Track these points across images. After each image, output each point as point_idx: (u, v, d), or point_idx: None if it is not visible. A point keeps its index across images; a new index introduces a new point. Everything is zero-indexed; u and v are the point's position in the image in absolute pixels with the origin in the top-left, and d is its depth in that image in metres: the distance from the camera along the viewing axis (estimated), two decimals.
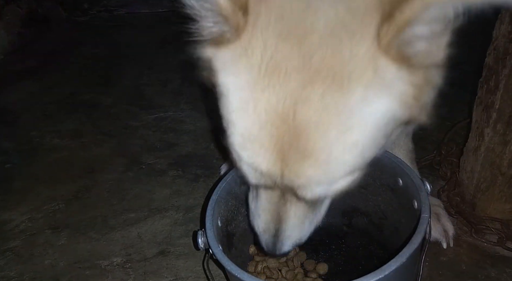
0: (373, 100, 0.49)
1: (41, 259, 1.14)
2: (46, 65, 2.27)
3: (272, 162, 0.54)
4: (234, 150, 0.57)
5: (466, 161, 1.12)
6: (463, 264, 1.00)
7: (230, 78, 0.54)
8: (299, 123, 0.50)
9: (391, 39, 0.46)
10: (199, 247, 0.83)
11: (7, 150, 1.61)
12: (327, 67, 0.48)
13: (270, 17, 0.50)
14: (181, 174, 1.43)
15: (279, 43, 0.49)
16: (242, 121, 0.54)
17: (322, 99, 0.49)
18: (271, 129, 0.52)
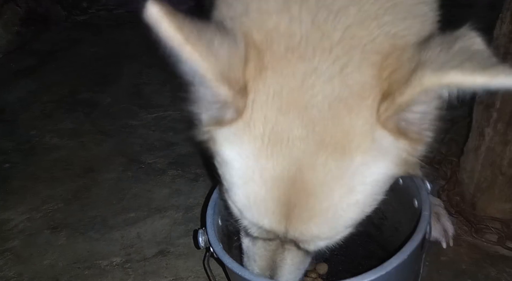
0: (372, 164, 0.54)
1: (40, 259, 1.14)
2: (45, 64, 2.26)
3: (276, 221, 0.57)
4: (237, 209, 0.60)
5: (466, 161, 1.12)
6: (463, 264, 1.00)
7: (234, 149, 0.55)
8: (305, 186, 0.54)
9: (390, 116, 0.50)
10: (199, 245, 0.82)
11: (6, 149, 1.60)
12: (329, 137, 0.51)
13: (268, 94, 0.52)
14: (180, 174, 1.43)
15: (279, 116, 0.52)
16: (248, 186, 0.56)
17: (326, 165, 0.52)
18: (277, 193, 0.55)
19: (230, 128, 0.54)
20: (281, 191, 0.55)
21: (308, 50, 0.51)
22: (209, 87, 0.49)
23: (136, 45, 2.48)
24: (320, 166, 0.53)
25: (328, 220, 0.57)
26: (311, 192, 0.54)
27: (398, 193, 0.89)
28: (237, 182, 0.57)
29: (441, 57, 0.45)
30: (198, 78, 0.48)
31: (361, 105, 0.51)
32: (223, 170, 0.59)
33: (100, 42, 2.51)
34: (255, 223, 0.60)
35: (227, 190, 0.61)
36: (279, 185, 0.54)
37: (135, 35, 2.60)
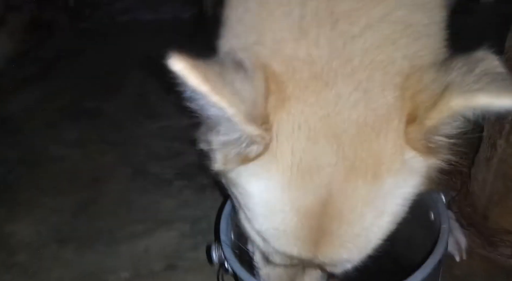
0: (402, 185, 0.55)
1: (48, 274, 1.12)
2: (49, 72, 2.26)
3: (306, 249, 0.57)
4: (262, 238, 0.60)
5: (478, 172, 1.11)
6: (477, 278, 0.99)
7: (261, 182, 0.55)
8: (336, 213, 0.54)
9: (419, 138, 0.51)
10: (213, 261, 0.81)
11: (10, 160, 1.59)
12: (359, 161, 0.52)
13: (293, 124, 0.51)
14: (187, 184, 1.41)
15: (307, 145, 0.51)
16: (277, 217, 0.55)
17: (357, 190, 0.52)
18: (308, 221, 0.55)
19: (256, 161, 0.53)
20: (312, 219, 0.54)
21: (330, 76, 0.51)
22: (236, 129, 0.49)
23: (139, 53, 2.48)
24: (351, 192, 0.53)
25: (359, 244, 0.57)
26: (342, 218, 0.54)
27: (412, 206, 0.87)
28: (263, 213, 0.57)
29: (465, 80, 0.46)
30: (225, 121, 0.49)
31: (388, 128, 0.52)
32: (245, 201, 0.58)
33: (104, 50, 2.51)
34: (282, 252, 0.59)
35: (250, 220, 0.60)
36: (310, 214, 0.54)
37: (138, 43, 2.62)
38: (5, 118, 1.87)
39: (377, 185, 0.53)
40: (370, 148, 0.51)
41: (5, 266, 1.16)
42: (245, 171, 0.55)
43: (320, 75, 0.51)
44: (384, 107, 0.51)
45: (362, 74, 0.50)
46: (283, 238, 0.57)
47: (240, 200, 0.60)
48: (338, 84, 0.50)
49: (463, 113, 0.47)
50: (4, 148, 1.66)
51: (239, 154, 0.54)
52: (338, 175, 0.52)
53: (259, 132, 0.49)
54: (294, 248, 0.58)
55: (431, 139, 0.51)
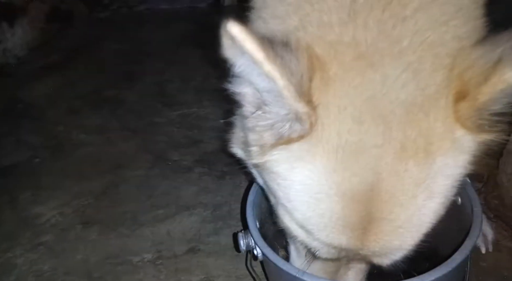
0: (452, 164, 0.53)
1: (73, 254, 1.15)
2: (69, 61, 2.29)
3: (354, 238, 0.55)
4: (305, 231, 0.58)
5: (507, 163, 1.08)
6: (504, 270, 0.97)
7: (305, 167, 0.53)
8: (387, 196, 0.52)
9: (469, 115, 0.50)
10: (240, 249, 0.81)
11: (34, 145, 1.63)
12: (409, 142, 0.50)
13: (339, 105, 0.51)
14: (207, 171, 1.42)
15: (353, 127, 0.50)
16: (323, 204, 0.54)
17: (407, 170, 0.51)
18: (356, 207, 0.53)
19: (300, 144, 0.52)
20: (360, 204, 0.53)
21: (376, 57, 0.50)
22: (284, 104, 0.48)
23: (157, 42, 2.50)
24: (403, 172, 0.51)
25: (412, 228, 0.55)
26: (394, 201, 0.52)
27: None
28: (307, 201, 0.55)
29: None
30: (273, 96, 0.48)
31: (437, 107, 0.51)
32: (286, 191, 0.57)
33: (122, 39, 2.53)
34: (329, 243, 0.57)
35: (290, 212, 0.58)
36: (358, 199, 0.52)
37: (156, 32, 2.63)
38: (28, 104, 1.91)
39: (428, 165, 0.52)
40: (419, 128, 0.50)
41: (32, 246, 1.19)
42: (286, 156, 0.54)
43: (365, 57, 0.50)
44: (433, 87, 0.51)
45: (412, 56, 0.50)
46: (329, 227, 0.55)
47: (279, 192, 0.58)
48: (385, 66, 0.50)
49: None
50: (28, 133, 1.70)
51: (282, 135, 0.52)
52: (386, 156, 0.51)
53: (307, 109, 0.48)
54: (341, 237, 0.55)
55: (482, 116, 0.50)
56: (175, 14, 2.89)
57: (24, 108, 1.88)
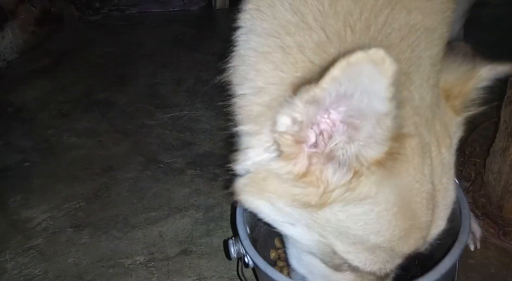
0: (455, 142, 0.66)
1: (65, 258, 1.14)
2: (60, 64, 2.28)
3: (427, 234, 0.62)
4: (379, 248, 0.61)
5: (493, 162, 1.10)
6: (492, 267, 0.99)
7: (392, 185, 0.56)
8: (438, 185, 0.61)
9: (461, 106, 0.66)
10: (231, 256, 0.81)
11: (25, 148, 1.61)
12: (439, 133, 0.62)
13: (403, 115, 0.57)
14: (199, 173, 1.43)
15: (414, 133, 0.58)
16: (408, 213, 0.59)
17: (444, 157, 0.62)
18: (429, 205, 0.59)
19: (388, 164, 0.53)
20: (430, 201, 0.59)
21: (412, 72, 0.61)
22: (386, 126, 0.48)
23: (149, 45, 2.50)
24: (442, 159, 0.61)
25: (452, 204, 0.64)
26: (443, 187, 0.61)
27: None
28: (391, 220, 0.58)
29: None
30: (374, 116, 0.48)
31: (442, 104, 0.65)
32: (367, 216, 0.58)
33: (114, 42, 2.52)
34: (401, 254, 0.62)
35: (364, 238, 0.59)
36: (429, 196, 0.59)
37: (148, 35, 2.63)
38: (19, 108, 1.89)
39: (451, 148, 0.63)
40: (440, 121, 0.63)
41: (22, 250, 1.18)
42: (375, 179, 0.55)
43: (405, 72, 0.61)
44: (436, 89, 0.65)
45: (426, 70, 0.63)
46: (410, 235, 0.59)
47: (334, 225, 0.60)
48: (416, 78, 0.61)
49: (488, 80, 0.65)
50: (19, 137, 1.68)
51: (371, 156, 0.52)
52: (433, 149, 0.60)
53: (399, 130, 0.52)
54: (415, 242, 0.60)
55: (466, 103, 0.66)
56: (167, 17, 2.89)
57: (15, 112, 1.86)
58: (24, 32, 2.44)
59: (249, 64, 0.64)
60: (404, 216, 0.58)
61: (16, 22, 2.39)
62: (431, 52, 0.63)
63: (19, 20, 2.41)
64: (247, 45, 0.64)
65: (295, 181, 0.56)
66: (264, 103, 0.60)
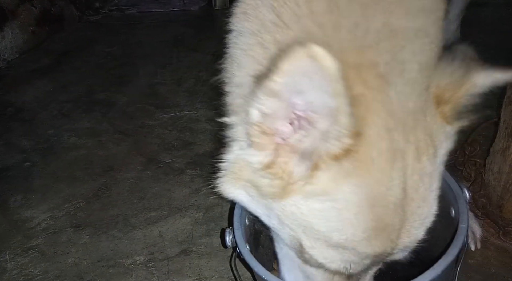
0: (444, 153, 0.63)
1: (65, 258, 1.14)
2: (60, 64, 2.28)
3: (393, 239, 0.60)
4: (347, 250, 0.60)
5: (493, 162, 1.10)
6: (492, 267, 0.99)
7: (353, 182, 0.56)
8: (412, 194, 0.59)
9: (452, 113, 0.63)
10: (226, 245, 0.82)
11: (25, 148, 1.62)
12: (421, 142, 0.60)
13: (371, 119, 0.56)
14: (199, 173, 1.43)
15: (385, 136, 0.57)
16: (370, 214, 0.57)
17: (425, 166, 0.59)
18: (396, 210, 0.58)
19: (348, 160, 0.54)
20: (399, 207, 0.58)
21: (391, 76, 0.59)
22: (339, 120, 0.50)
23: (149, 45, 2.50)
24: (421, 169, 0.59)
25: (430, 217, 0.62)
26: (419, 196, 0.59)
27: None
28: (350, 219, 0.57)
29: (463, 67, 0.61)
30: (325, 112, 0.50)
31: (430, 110, 0.62)
32: (325, 214, 0.58)
33: (114, 42, 2.53)
34: (371, 253, 0.60)
35: (327, 236, 0.59)
36: (397, 202, 0.57)
37: (148, 35, 2.63)
38: (19, 108, 1.89)
39: (435, 158, 0.61)
40: (424, 129, 0.60)
41: (23, 250, 1.18)
42: (331, 176, 0.55)
43: (383, 76, 0.58)
44: (423, 95, 0.62)
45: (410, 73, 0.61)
46: (372, 236, 0.58)
47: (298, 219, 0.60)
48: (397, 82, 0.59)
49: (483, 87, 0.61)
50: (19, 137, 1.68)
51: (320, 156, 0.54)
52: (408, 157, 0.58)
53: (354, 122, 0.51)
54: (383, 243, 0.59)
55: (459, 111, 0.63)
56: (167, 17, 2.90)
57: (15, 112, 1.86)
58: (24, 32, 2.45)
59: (235, 62, 0.67)
60: (366, 218, 0.57)
61: (16, 22, 2.39)
62: (421, 56, 0.61)
63: (19, 20, 2.42)
64: (236, 46, 0.67)
65: (263, 172, 0.58)
66: (244, 96, 0.61)
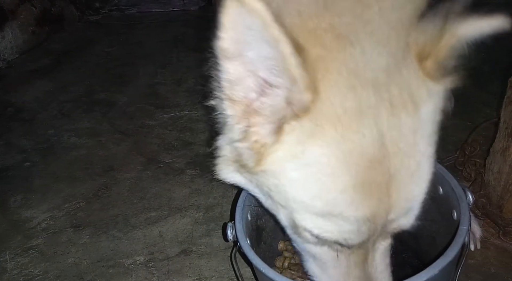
0: (433, 110, 0.61)
1: (65, 258, 1.14)
2: (60, 64, 2.28)
3: (381, 199, 0.57)
4: (335, 217, 0.58)
5: (493, 162, 1.10)
6: (492, 267, 0.99)
7: (317, 143, 0.55)
8: (393, 149, 0.56)
9: (434, 69, 0.60)
10: (227, 238, 0.82)
11: (25, 148, 1.62)
12: (395, 98, 0.57)
13: (329, 79, 0.55)
14: (199, 173, 1.43)
15: (348, 94, 0.55)
16: (344, 175, 0.55)
17: (404, 123, 0.57)
18: (373, 167, 0.55)
19: (308, 120, 0.54)
20: (377, 163, 0.55)
21: (353, 36, 0.57)
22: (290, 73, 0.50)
23: (149, 45, 2.50)
24: (400, 125, 0.57)
25: (422, 174, 0.59)
26: (402, 152, 0.57)
27: (437, 202, 0.86)
28: (327, 180, 0.56)
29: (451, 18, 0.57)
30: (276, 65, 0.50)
31: (407, 66, 0.59)
32: (301, 182, 0.57)
33: (114, 42, 2.53)
34: (360, 216, 0.57)
35: (310, 205, 0.58)
36: (373, 159, 0.55)
37: (148, 35, 2.63)
38: (19, 108, 1.89)
39: (418, 114, 0.58)
40: (400, 85, 0.58)
41: (23, 250, 1.18)
42: (295, 140, 0.55)
43: (343, 36, 0.57)
44: (399, 52, 0.59)
45: (380, 32, 0.59)
46: (357, 198, 0.55)
47: (290, 191, 0.59)
48: (362, 42, 0.57)
49: (466, 38, 0.57)
50: (19, 137, 1.68)
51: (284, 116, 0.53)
52: (382, 114, 0.56)
53: (309, 78, 0.50)
54: (370, 204, 0.56)
55: (443, 66, 0.60)
56: (167, 17, 2.90)
57: (15, 112, 1.86)
58: (24, 32, 2.45)
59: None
60: (342, 178, 0.55)
61: (16, 22, 2.39)
62: (393, 15, 0.60)
63: (19, 20, 2.42)
64: None
65: (242, 146, 0.59)
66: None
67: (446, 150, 1.34)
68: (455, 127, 1.46)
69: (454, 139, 1.40)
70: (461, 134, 1.40)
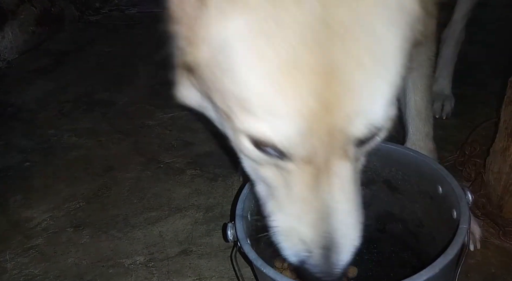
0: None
1: (65, 258, 1.14)
2: (60, 64, 2.28)
3: (323, 89, 0.45)
4: (263, 109, 0.48)
5: (493, 162, 1.10)
6: (492, 267, 0.99)
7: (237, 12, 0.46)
8: (340, 30, 0.44)
9: None
10: (228, 239, 0.82)
11: (25, 148, 1.62)
12: None
13: None
14: (199, 173, 1.43)
15: None
16: (268, 54, 0.45)
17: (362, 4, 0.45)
18: (311, 46, 0.44)
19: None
20: (317, 44, 0.44)
21: None
22: None
23: (149, 45, 2.50)
24: (350, 3, 0.45)
25: (378, 66, 0.47)
26: (352, 36, 0.44)
27: (437, 202, 0.86)
28: (251, 62, 0.46)
29: None
30: None
31: None
32: (227, 73, 0.48)
33: (114, 42, 2.53)
34: (288, 114, 0.46)
35: (243, 102, 0.49)
36: (312, 37, 0.44)
37: (148, 35, 2.63)
38: (19, 108, 1.90)
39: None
40: None
41: (23, 250, 1.18)
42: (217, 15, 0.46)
43: None
44: None
45: None
46: (282, 83, 0.45)
47: (220, 90, 0.51)
48: None
49: None
50: (19, 137, 1.68)
51: None
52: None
53: None
54: (302, 94, 0.45)
55: None
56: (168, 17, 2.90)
57: (15, 112, 1.87)
58: (24, 32, 2.45)
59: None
60: (267, 56, 0.44)
61: (16, 22, 2.39)
62: None
63: (19, 20, 2.42)
64: None
65: (180, 40, 0.54)
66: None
67: (446, 150, 1.34)
68: (455, 127, 1.46)
69: (454, 139, 1.40)
70: (461, 134, 1.41)
